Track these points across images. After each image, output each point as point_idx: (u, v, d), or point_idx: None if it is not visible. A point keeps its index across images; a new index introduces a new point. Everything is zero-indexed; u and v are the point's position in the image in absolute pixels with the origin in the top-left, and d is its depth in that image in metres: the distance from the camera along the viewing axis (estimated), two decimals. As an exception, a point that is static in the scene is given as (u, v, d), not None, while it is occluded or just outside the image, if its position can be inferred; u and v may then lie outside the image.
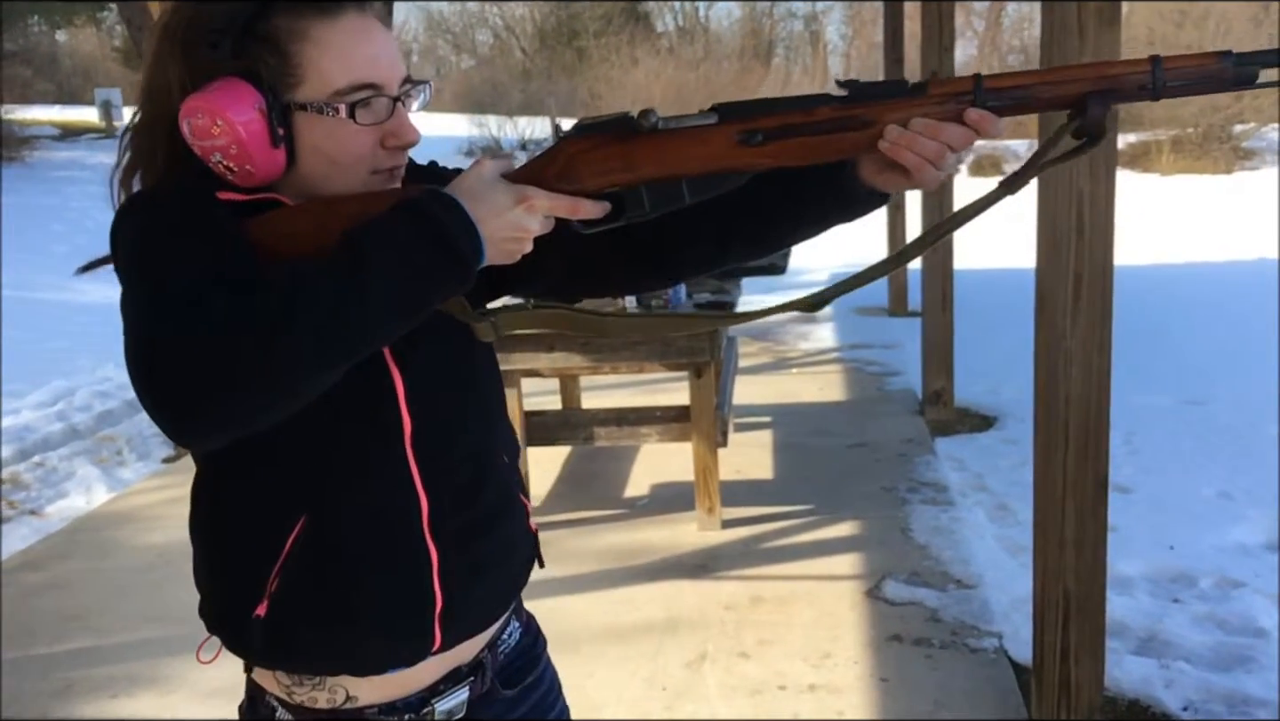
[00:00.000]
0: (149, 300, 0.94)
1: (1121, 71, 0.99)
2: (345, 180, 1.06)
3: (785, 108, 1.02)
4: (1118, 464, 4.59)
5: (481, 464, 1.21)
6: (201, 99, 0.99)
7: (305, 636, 1.13)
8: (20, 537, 4.40)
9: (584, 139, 1.03)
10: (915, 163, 1.00)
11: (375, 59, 1.04)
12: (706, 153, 1.02)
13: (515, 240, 1.00)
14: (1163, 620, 3.22)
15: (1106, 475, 2.54)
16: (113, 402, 6.34)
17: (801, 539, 3.87)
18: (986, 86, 0.99)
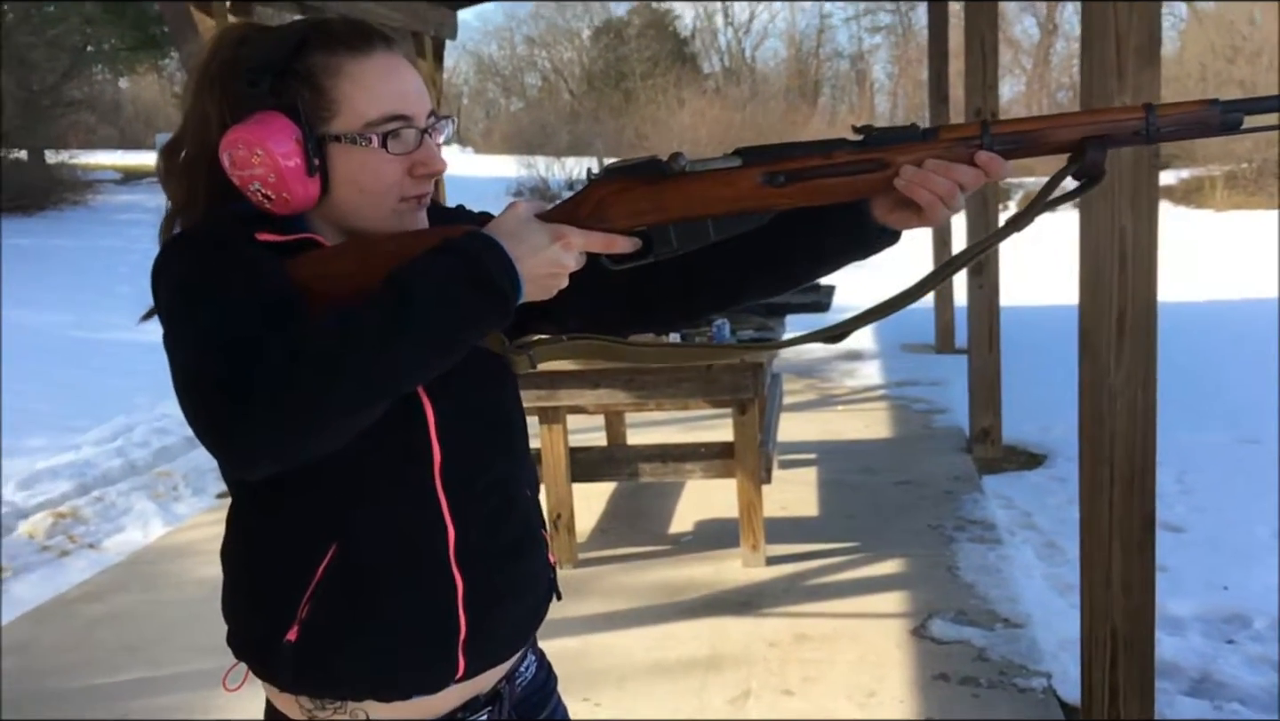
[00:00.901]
0: (201, 340, 0.99)
1: (1118, 118, 1.06)
2: (375, 208, 1.11)
3: (805, 151, 1.08)
4: (1170, 503, 4.56)
5: (506, 495, 1.25)
6: (242, 131, 1.06)
7: (334, 662, 1.16)
8: (79, 570, 4.51)
9: (614, 181, 1.09)
10: (928, 200, 1.06)
11: (404, 93, 1.10)
12: (732, 194, 1.08)
13: (553, 276, 1.05)
14: (1216, 661, 3.17)
15: (1154, 513, 2.52)
16: (170, 439, 6.48)
17: (846, 576, 3.86)
18: (993, 132, 1.06)
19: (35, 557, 4.73)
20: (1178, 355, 7.49)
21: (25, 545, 4.85)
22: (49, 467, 5.73)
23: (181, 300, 1.04)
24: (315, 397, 0.95)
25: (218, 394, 0.95)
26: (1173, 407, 5.93)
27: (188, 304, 1.03)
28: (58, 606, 4.02)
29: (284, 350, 0.95)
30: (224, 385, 0.95)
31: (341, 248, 1.10)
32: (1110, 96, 2.38)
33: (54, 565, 4.64)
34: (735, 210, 1.08)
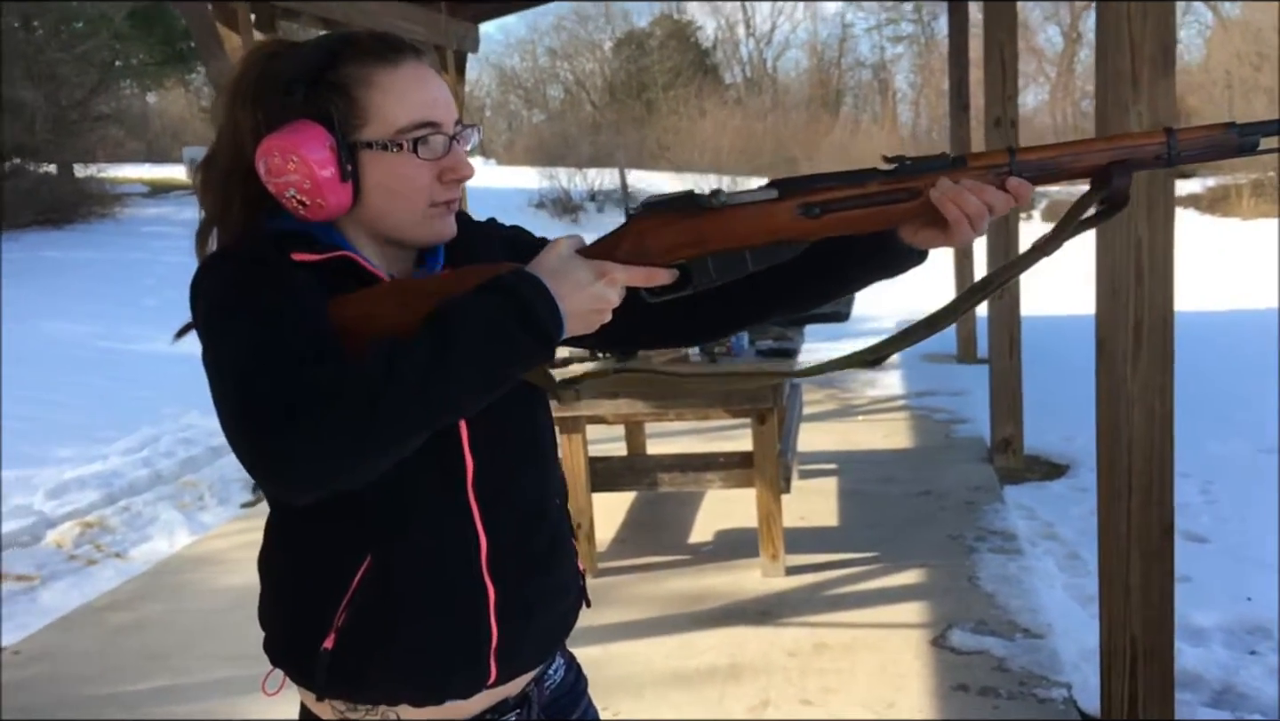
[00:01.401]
0: (242, 365, 1.01)
1: (1140, 143, 1.08)
2: (407, 213, 1.14)
3: (839, 182, 1.10)
4: (1193, 513, 4.54)
5: (537, 505, 1.27)
6: (278, 139, 1.09)
7: (369, 669, 1.19)
8: (106, 579, 4.57)
9: (653, 217, 1.11)
10: (956, 216, 1.08)
11: (433, 101, 1.14)
12: (769, 226, 1.11)
13: (597, 312, 1.07)
14: (1238, 672, 3.15)
15: (1172, 521, 2.52)
16: (195, 449, 6.55)
17: (866, 586, 3.86)
18: (1019, 159, 1.09)
19: (63, 566, 4.79)
20: (1203, 365, 7.45)
21: (54, 554, 4.92)
22: (77, 477, 5.81)
23: (220, 320, 1.06)
24: (359, 432, 0.97)
25: (261, 422, 0.97)
26: (1198, 418, 5.91)
27: (227, 325, 1.05)
28: (84, 614, 4.07)
29: (329, 383, 0.97)
30: (267, 414, 0.96)
31: (384, 289, 1.12)
32: (1125, 105, 2.38)
33: (81, 574, 4.70)
34: (772, 241, 1.11)
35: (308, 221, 1.14)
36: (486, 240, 1.28)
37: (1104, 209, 1.10)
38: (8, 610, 4.30)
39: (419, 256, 1.23)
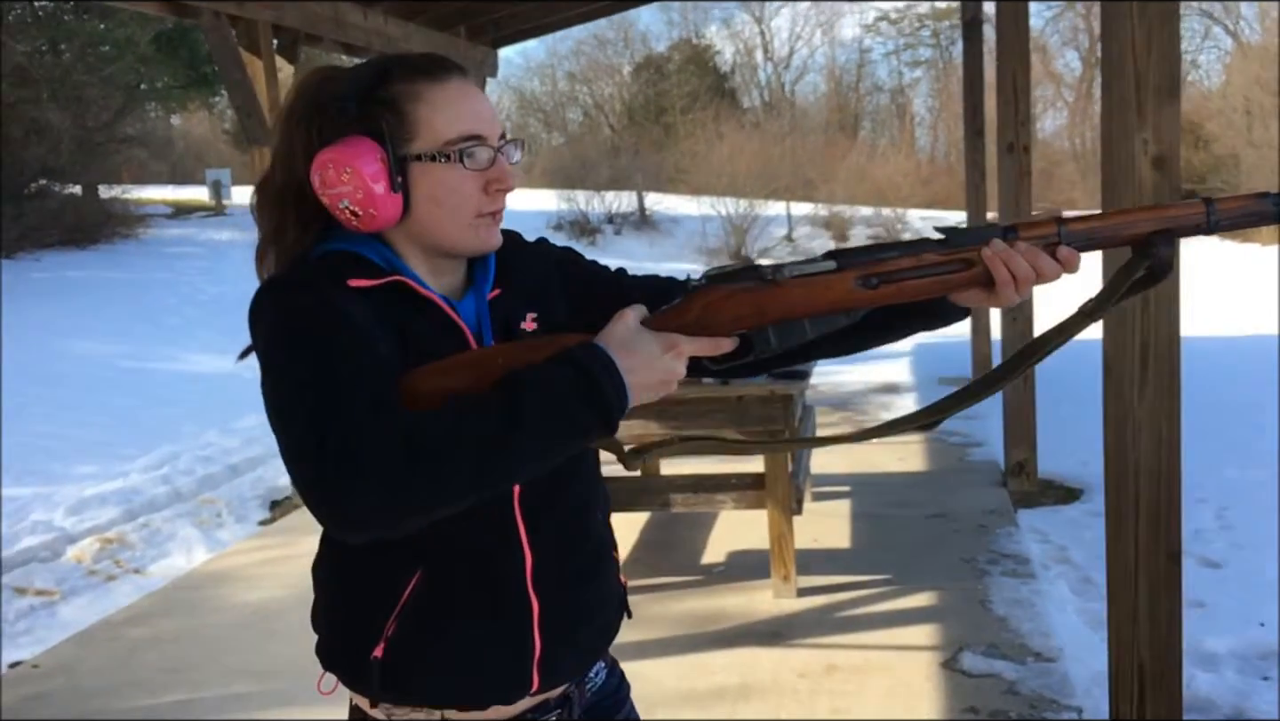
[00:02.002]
0: (305, 403, 1.05)
1: (1182, 213, 1.14)
2: (454, 223, 1.19)
3: (897, 254, 1.15)
4: (1209, 539, 4.53)
5: (580, 520, 1.31)
6: (332, 152, 1.15)
7: (417, 677, 1.23)
8: (125, 595, 4.62)
9: (717, 289, 1.15)
10: (1005, 278, 1.13)
11: (478, 115, 1.19)
12: (829, 297, 1.15)
13: (664, 384, 1.12)
14: (1250, 698, 3.14)
15: (1179, 546, 2.53)
16: (214, 467, 6.61)
17: (877, 608, 3.87)
18: (1068, 229, 1.14)
19: (83, 581, 4.84)
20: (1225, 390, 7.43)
21: (73, 569, 4.98)
22: (97, 494, 5.87)
23: (281, 356, 1.10)
24: (423, 489, 1.02)
25: (320, 467, 1.01)
26: (1217, 443, 5.91)
27: (288, 363, 1.09)
28: (103, 629, 4.12)
29: (393, 438, 1.01)
30: (327, 461, 1.01)
31: (457, 361, 1.16)
32: (1130, 133, 2.41)
33: (101, 589, 4.76)
34: (831, 311, 1.15)
35: (359, 234, 1.19)
36: (539, 261, 1.32)
37: (1149, 275, 1.14)
38: (28, 624, 4.35)
39: (469, 273, 1.27)
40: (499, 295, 1.25)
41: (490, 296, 1.25)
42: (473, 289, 1.25)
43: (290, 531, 5.27)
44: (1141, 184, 2.44)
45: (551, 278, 1.32)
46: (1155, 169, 2.43)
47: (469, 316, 1.22)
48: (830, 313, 1.15)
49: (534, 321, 1.26)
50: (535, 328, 1.26)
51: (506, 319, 1.24)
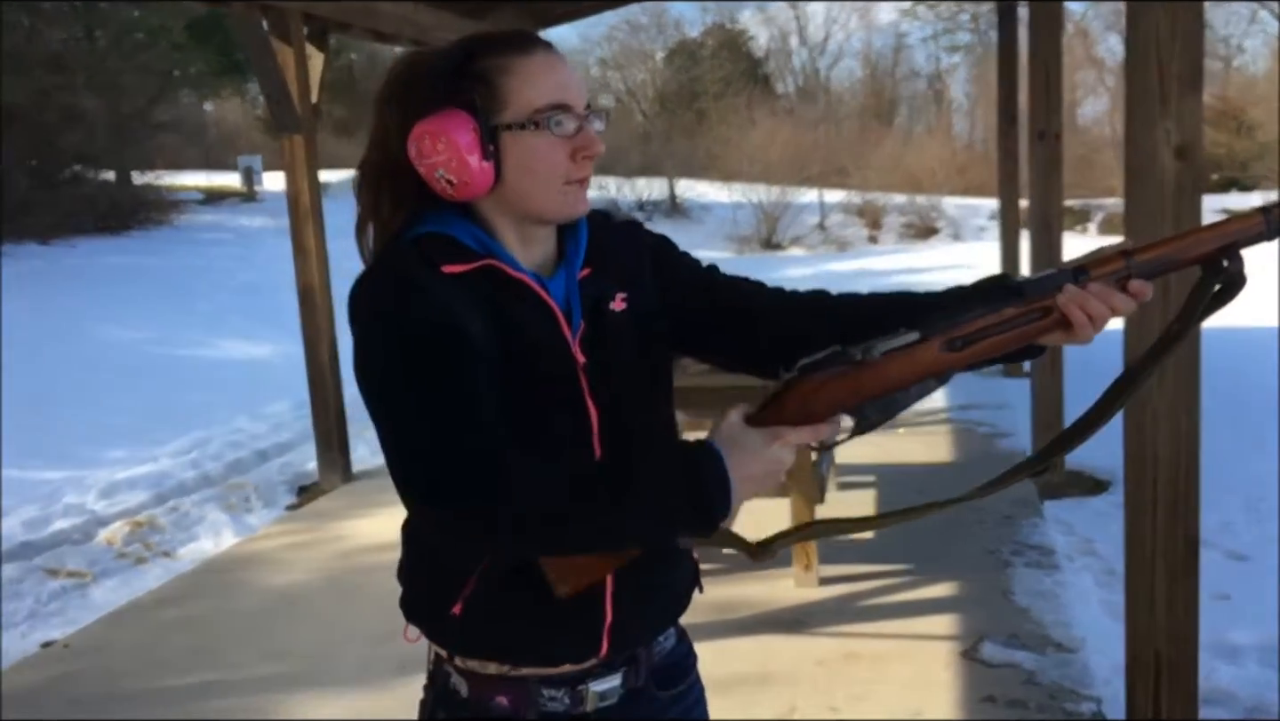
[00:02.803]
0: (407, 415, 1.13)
1: (1242, 226, 1.15)
2: (544, 190, 1.23)
3: (977, 313, 1.16)
4: (1237, 531, 4.50)
5: None
6: (428, 124, 1.19)
7: (493, 636, 1.29)
8: (155, 577, 4.70)
9: (810, 380, 1.17)
10: (1082, 321, 1.14)
11: (565, 85, 1.23)
12: (918, 367, 1.16)
13: (772, 475, 1.15)
14: (1271, 691, 3.13)
15: (1197, 535, 2.52)
16: (243, 452, 6.70)
17: (899, 598, 3.87)
18: (1137, 259, 1.14)
19: (113, 564, 4.93)
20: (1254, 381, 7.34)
21: (104, 552, 5.07)
22: (128, 478, 5.97)
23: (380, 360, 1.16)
24: (521, 541, 1.13)
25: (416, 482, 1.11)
26: (1247, 435, 5.85)
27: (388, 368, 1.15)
28: (133, 611, 4.19)
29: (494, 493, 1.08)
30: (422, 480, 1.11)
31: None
32: (1154, 122, 2.40)
33: (131, 571, 4.84)
34: (923, 379, 1.17)
35: (451, 214, 1.23)
36: (630, 242, 1.36)
37: (1225, 290, 1.15)
38: (59, 605, 4.44)
39: (560, 248, 1.30)
40: (589, 275, 1.29)
41: (581, 276, 1.28)
42: (564, 265, 1.29)
43: (317, 516, 5.34)
44: (1164, 174, 2.42)
45: (644, 260, 1.35)
46: (1178, 158, 2.42)
47: (559, 295, 1.26)
48: (922, 380, 1.17)
49: (623, 302, 1.30)
50: (624, 308, 1.29)
51: (597, 298, 1.28)
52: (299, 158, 5.65)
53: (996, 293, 1.16)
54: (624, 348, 1.29)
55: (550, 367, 1.23)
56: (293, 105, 5.57)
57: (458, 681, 1.32)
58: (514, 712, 1.29)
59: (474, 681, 1.30)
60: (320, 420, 5.81)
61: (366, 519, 5.12)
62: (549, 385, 1.23)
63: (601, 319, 1.27)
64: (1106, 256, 1.15)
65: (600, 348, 1.26)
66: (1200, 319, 1.16)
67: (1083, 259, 1.16)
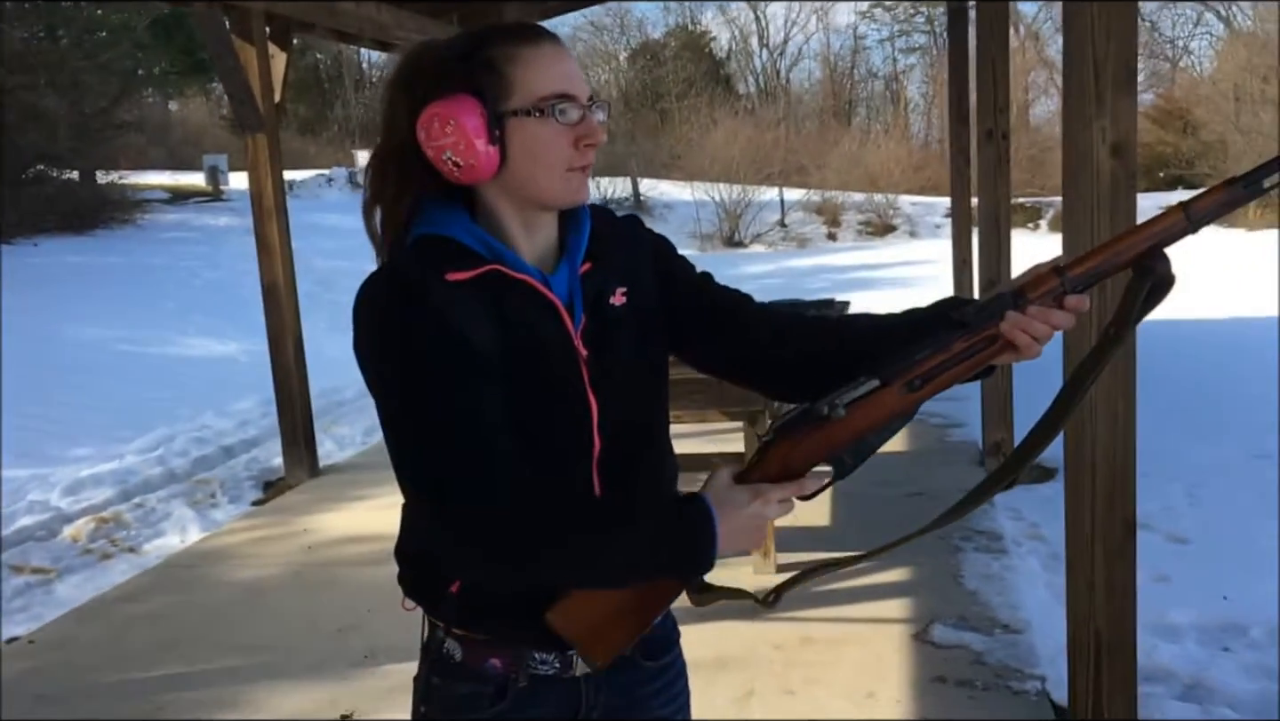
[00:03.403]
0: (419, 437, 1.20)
1: (1165, 226, 1.20)
2: (547, 176, 1.27)
3: (928, 352, 1.24)
4: (1177, 516, 4.64)
5: (651, 485, 1.40)
6: (437, 107, 1.24)
7: (491, 612, 1.33)
8: (120, 572, 4.71)
9: (784, 441, 1.26)
10: (1026, 342, 1.21)
11: (569, 75, 1.28)
12: (884, 411, 1.25)
13: (757, 529, 1.24)
14: (1209, 668, 3.25)
15: (1134, 519, 2.62)
16: (209, 449, 6.71)
17: (854, 583, 3.97)
18: (1070, 275, 1.20)
19: (78, 560, 4.94)
20: (1204, 373, 7.54)
21: (69, 548, 5.08)
22: (93, 475, 5.97)
23: (387, 371, 1.23)
24: (509, 562, 1.20)
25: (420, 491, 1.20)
26: (1192, 424, 6.02)
27: (392, 379, 1.22)
28: (98, 606, 4.21)
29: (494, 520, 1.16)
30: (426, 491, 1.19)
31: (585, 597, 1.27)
32: (1089, 120, 2.50)
33: (96, 567, 4.86)
34: (891, 421, 1.26)
35: (455, 211, 1.28)
36: (630, 238, 1.41)
37: (1155, 290, 1.20)
38: (24, 601, 4.45)
39: (561, 243, 1.35)
40: (590, 269, 1.33)
41: (582, 270, 1.32)
42: (565, 259, 1.32)
43: (283, 511, 5.37)
44: (1100, 171, 2.53)
45: (644, 256, 1.40)
46: (1113, 156, 2.53)
47: (561, 290, 1.30)
48: (889, 422, 1.26)
49: (624, 296, 1.34)
50: (625, 302, 1.34)
51: (598, 292, 1.32)
52: (262, 156, 5.67)
53: (944, 326, 1.24)
54: (624, 341, 1.33)
55: (553, 362, 1.27)
56: (255, 104, 5.59)
57: (452, 646, 1.36)
58: (506, 674, 1.34)
59: (468, 646, 1.35)
60: (286, 416, 5.84)
61: (332, 513, 5.16)
62: (552, 379, 1.27)
63: (602, 313, 1.32)
64: (1041, 276, 1.21)
65: (601, 341, 1.31)
66: (1135, 321, 1.21)
67: (1019, 281, 1.23)
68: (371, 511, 5.04)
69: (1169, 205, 1.21)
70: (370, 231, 1.33)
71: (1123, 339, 1.22)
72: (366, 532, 4.71)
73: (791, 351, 1.38)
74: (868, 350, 1.32)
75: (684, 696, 1.55)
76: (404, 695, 1.47)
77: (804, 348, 1.37)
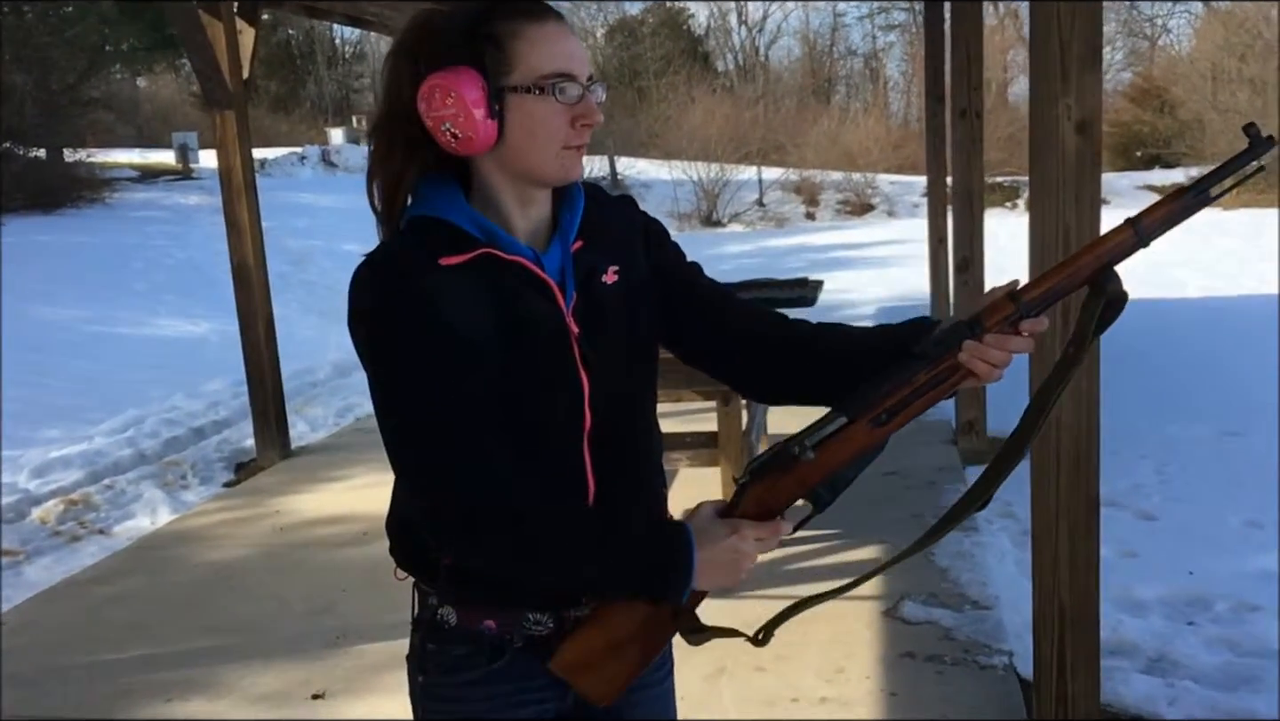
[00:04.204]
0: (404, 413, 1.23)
1: (1115, 243, 1.21)
2: (543, 153, 1.28)
3: (893, 385, 1.26)
4: (1147, 493, 4.69)
5: (638, 461, 1.43)
6: (439, 78, 1.24)
7: (481, 584, 1.34)
8: (90, 555, 4.69)
9: (759, 483, 1.29)
10: (985, 370, 1.23)
11: (571, 55, 1.29)
12: (854, 446, 1.28)
13: (733, 564, 1.26)
14: (1173, 641, 3.29)
15: (1097, 495, 2.64)
16: (179, 430, 6.67)
17: (827, 561, 4.00)
18: (1025, 300, 1.22)
19: (47, 542, 4.91)
20: (1177, 349, 7.60)
21: (38, 530, 5.04)
22: (62, 456, 5.92)
23: (383, 359, 1.25)
24: (489, 556, 1.25)
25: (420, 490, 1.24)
26: (1161, 402, 6.07)
27: (389, 367, 1.24)
28: (68, 588, 4.19)
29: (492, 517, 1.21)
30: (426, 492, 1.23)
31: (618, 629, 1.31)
32: (1055, 97, 2.50)
33: (65, 550, 4.83)
34: (859, 455, 1.28)
35: (450, 192, 1.29)
36: (623, 217, 1.42)
37: (1110, 307, 1.21)
38: (-8, 583, 4.42)
39: (554, 219, 1.35)
40: (582, 247, 1.34)
41: (575, 248, 1.34)
42: (558, 236, 1.34)
43: (254, 493, 5.34)
44: (1065, 148, 2.53)
45: (636, 236, 1.41)
46: (1078, 133, 2.53)
47: (553, 268, 1.31)
48: (861, 456, 1.28)
49: (615, 274, 1.35)
50: (617, 280, 1.35)
51: (589, 270, 1.33)
52: (230, 134, 5.62)
53: (906, 357, 1.26)
54: (615, 319, 1.35)
55: (544, 339, 1.29)
56: (224, 81, 5.53)
57: (446, 612, 1.37)
58: (501, 636, 1.35)
59: (462, 610, 1.36)
60: (257, 397, 5.81)
61: (304, 494, 5.14)
62: (543, 356, 1.29)
63: (594, 290, 1.33)
64: (996, 304, 1.22)
65: (592, 318, 1.32)
66: (1093, 339, 1.23)
67: (976, 309, 1.24)
68: (344, 493, 5.02)
69: (1149, 184, 1.20)
70: (371, 198, 1.34)
71: (1080, 359, 1.23)
72: (338, 514, 4.69)
73: (764, 357, 1.42)
74: (836, 368, 1.37)
75: (671, 675, 1.62)
76: (375, 675, 1.48)
77: (778, 355, 1.41)
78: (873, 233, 21.16)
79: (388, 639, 3.46)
